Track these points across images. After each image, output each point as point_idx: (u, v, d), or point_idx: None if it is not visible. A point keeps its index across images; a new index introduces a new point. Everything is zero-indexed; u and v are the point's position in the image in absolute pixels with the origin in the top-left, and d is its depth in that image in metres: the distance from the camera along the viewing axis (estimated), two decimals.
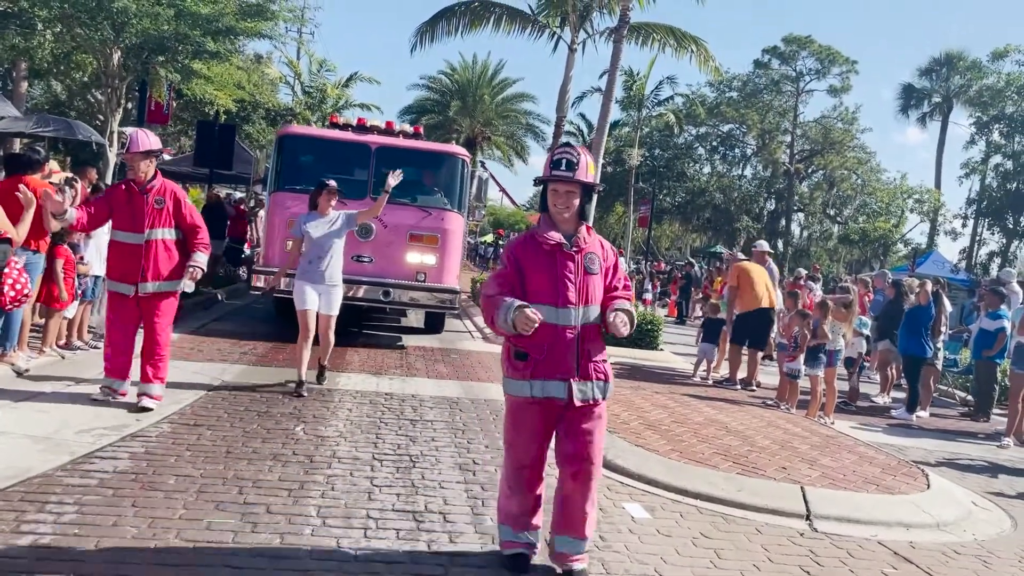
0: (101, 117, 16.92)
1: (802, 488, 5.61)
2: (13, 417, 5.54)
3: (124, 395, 6.26)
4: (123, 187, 6.19)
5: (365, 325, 12.21)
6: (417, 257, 10.35)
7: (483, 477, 5.38)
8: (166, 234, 6.14)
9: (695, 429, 7.05)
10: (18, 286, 5.34)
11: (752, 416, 8.12)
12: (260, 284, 10.11)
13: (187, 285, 6.31)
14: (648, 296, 22.99)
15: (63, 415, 5.74)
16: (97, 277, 8.07)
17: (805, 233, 50.37)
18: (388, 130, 11.17)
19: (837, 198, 47.53)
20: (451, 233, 10.56)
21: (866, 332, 10.73)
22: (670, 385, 9.81)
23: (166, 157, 20.72)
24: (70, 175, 8.00)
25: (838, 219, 48.29)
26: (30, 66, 20.57)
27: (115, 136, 15.11)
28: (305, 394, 7.10)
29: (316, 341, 7.45)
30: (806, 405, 9.18)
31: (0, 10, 14.79)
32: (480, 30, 18.73)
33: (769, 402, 9.24)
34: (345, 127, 11.00)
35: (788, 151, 46.03)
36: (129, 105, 17.32)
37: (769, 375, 11.19)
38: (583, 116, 46.09)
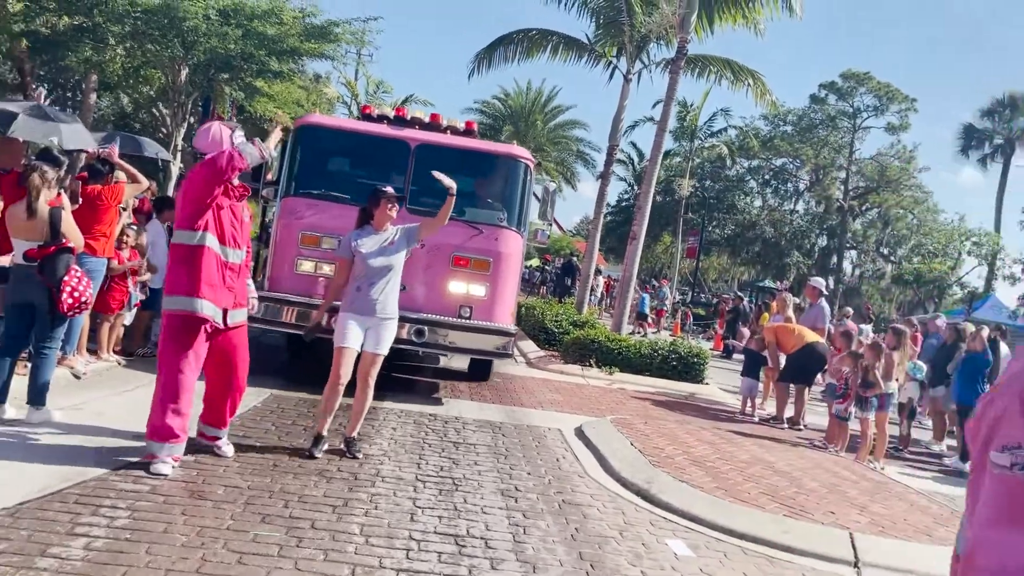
0: (164, 130, 17.45)
1: (851, 534, 5.47)
2: (71, 420, 5.69)
3: (179, 461, 5.01)
4: (221, 188, 5.17)
5: (393, 368, 9.27)
6: (462, 286, 8.15)
7: (525, 504, 5.36)
8: (245, 256, 5.41)
9: (741, 467, 6.93)
10: (76, 293, 5.49)
11: (799, 457, 7.97)
12: (284, 318, 7.74)
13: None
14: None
15: (119, 419, 5.87)
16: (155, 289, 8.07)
17: (857, 271, 49.46)
18: (433, 124, 8.95)
19: (891, 237, 46.63)
20: (506, 257, 8.29)
21: (920, 377, 10.48)
22: (715, 421, 9.67)
23: None
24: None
25: (891, 258, 47.32)
26: (101, 79, 21.31)
27: (179, 150, 15.56)
28: (319, 455, 5.68)
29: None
30: (856, 448, 8.98)
31: (76, 24, 15.40)
32: (536, 57, 18.96)
33: (817, 443, 9.05)
34: (380, 119, 8.90)
35: (842, 187, 45.35)
36: (191, 120, 17.84)
37: (818, 415, 10.98)
38: (634, 144, 46.22)
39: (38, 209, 5.48)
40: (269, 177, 8.86)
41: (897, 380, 9.15)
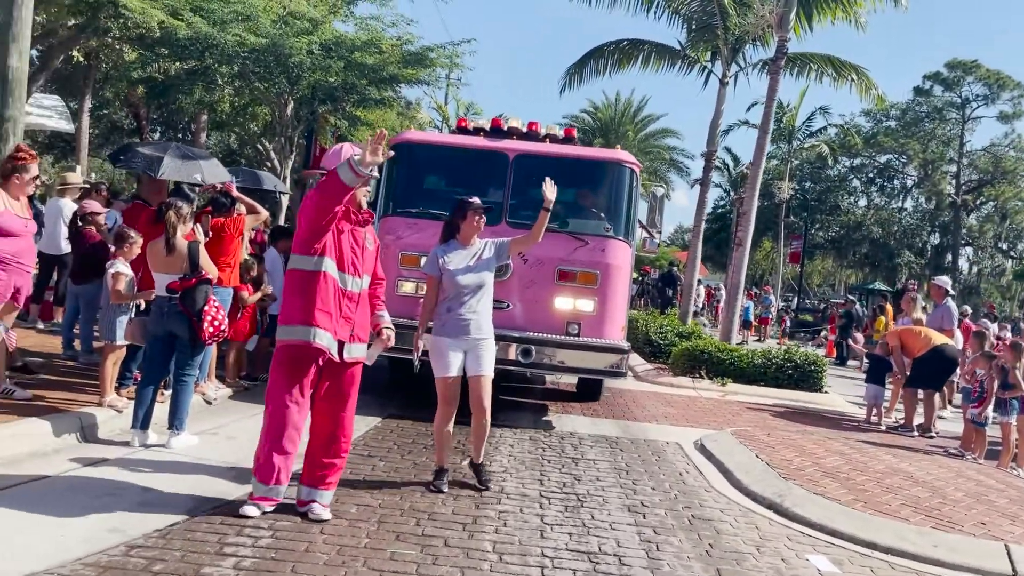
0: (268, 164, 18.16)
1: (1006, 546, 5.12)
2: (208, 444, 5.92)
3: (274, 505, 4.61)
4: (340, 211, 4.60)
5: (500, 390, 8.50)
6: (569, 302, 7.79)
7: (654, 520, 5.24)
8: (367, 284, 4.84)
9: (877, 478, 6.60)
10: (216, 322, 5.75)
11: (938, 465, 7.54)
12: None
13: (373, 356, 4.89)
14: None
15: (251, 442, 6.05)
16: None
17: (974, 269, 46.96)
18: (531, 133, 8.59)
19: (1011, 231, 44.11)
20: (615, 269, 7.91)
21: None
22: (840, 430, 9.27)
23: None
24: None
25: (1012, 254, 44.71)
26: (211, 118, 22.41)
27: (287, 182, 16.17)
28: (445, 489, 5.36)
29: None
30: (995, 455, 8.44)
31: (188, 68, 16.24)
32: (628, 68, 18.81)
33: (952, 450, 8.55)
34: (476, 131, 8.62)
35: (954, 182, 43.21)
36: (296, 153, 18.52)
37: (948, 422, 10.41)
38: (728, 150, 45.26)
39: (176, 244, 5.76)
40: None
41: None
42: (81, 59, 18.47)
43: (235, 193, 7.55)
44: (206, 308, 5.70)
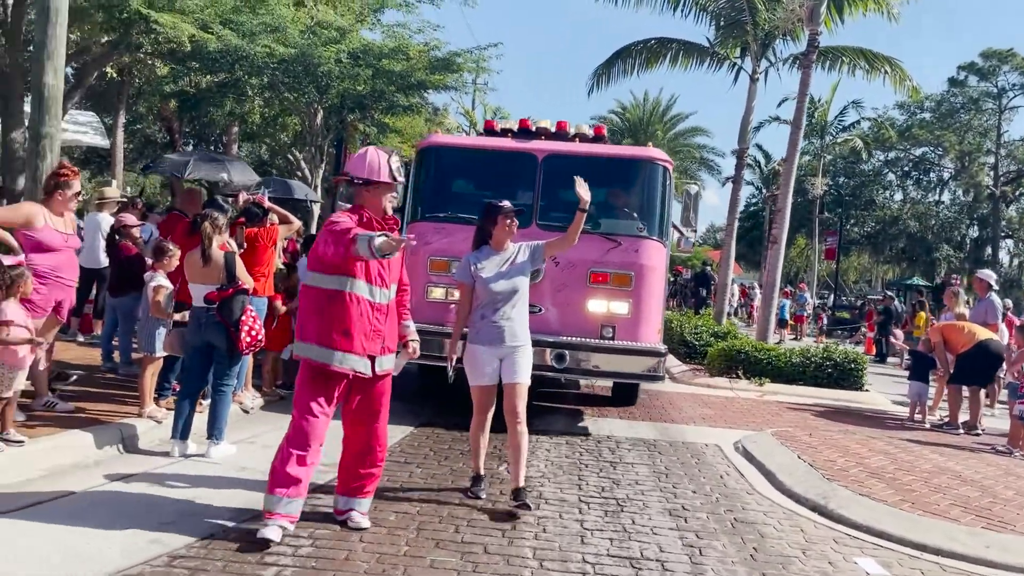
0: (299, 174, 18.31)
1: None
2: (246, 453, 5.94)
3: (295, 522, 4.38)
4: (364, 219, 4.42)
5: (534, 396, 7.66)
6: (602, 305, 7.60)
7: (696, 524, 5.15)
8: (395, 293, 4.67)
9: (924, 478, 6.44)
10: (253, 332, 5.77)
11: (986, 463, 7.34)
12: (428, 351, 6.88)
13: (399, 367, 4.74)
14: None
15: None
16: None
17: (1015, 262, 45.92)
18: (560, 133, 8.42)
19: None
20: (649, 270, 7.69)
21: None
22: (883, 429, 9.08)
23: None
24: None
25: None
26: (242, 130, 22.66)
27: (318, 191, 16.28)
28: (483, 495, 5.32)
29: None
30: None
31: (218, 81, 16.44)
32: (656, 68, 18.66)
33: (1000, 448, 8.32)
34: (504, 132, 8.47)
35: (992, 173, 42.28)
36: (326, 162, 18.66)
37: (998, 419, 10.14)
38: (759, 147, 44.80)
39: (212, 255, 5.80)
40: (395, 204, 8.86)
41: None
42: (115, 75, 18.77)
43: (267, 204, 7.59)
44: (243, 318, 5.72)
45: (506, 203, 5.35)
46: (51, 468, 5.09)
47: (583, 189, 5.15)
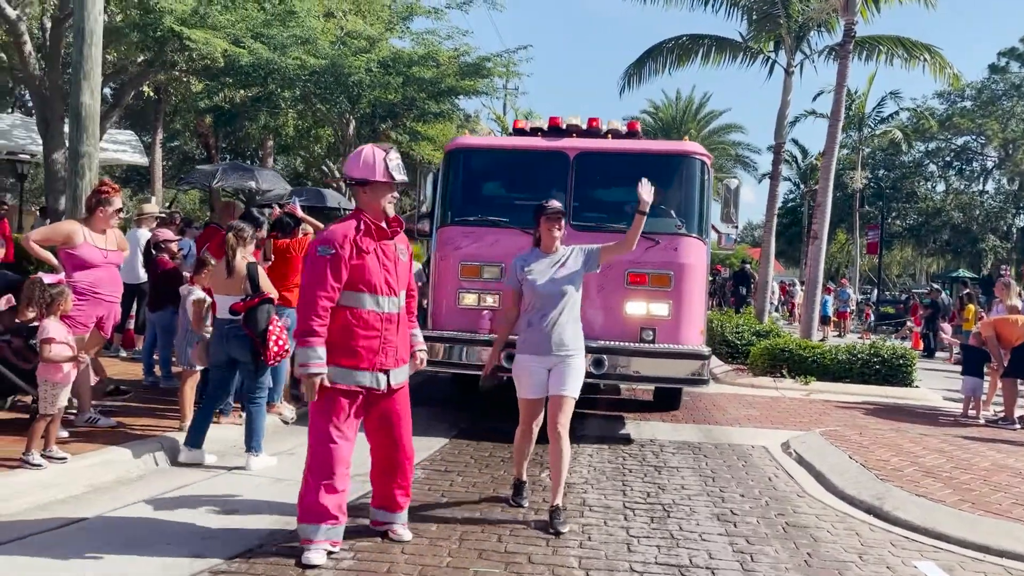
0: (334, 185, 18.39)
1: None
2: (286, 465, 5.90)
3: (338, 546, 4.20)
4: (362, 227, 4.12)
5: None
6: (641, 306, 7.28)
7: (746, 529, 4.99)
8: (404, 299, 4.37)
9: (983, 476, 6.20)
10: (280, 342, 5.71)
11: None
12: (454, 359, 7.22)
13: (409, 373, 4.50)
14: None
15: None
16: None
17: None
18: (592, 130, 8.12)
19: None
20: (690, 269, 7.36)
21: None
22: (936, 426, 8.80)
23: None
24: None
25: None
26: (276, 143, 22.90)
27: (352, 200, 16.33)
28: (526, 504, 5.16)
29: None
30: None
31: (252, 95, 16.61)
32: (688, 65, 18.47)
33: None
34: (533, 132, 8.22)
35: None
36: None
37: None
38: (795, 141, 44.18)
39: (236, 266, 5.76)
40: (424, 210, 8.36)
41: None
42: (151, 94, 19.08)
43: (299, 213, 7.59)
44: (270, 328, 5.66)
45: (552, 203, 5.06)
46: (94, 484, 5.10)
47: (646, 191, 4.90)
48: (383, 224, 4.15)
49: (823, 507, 5.59)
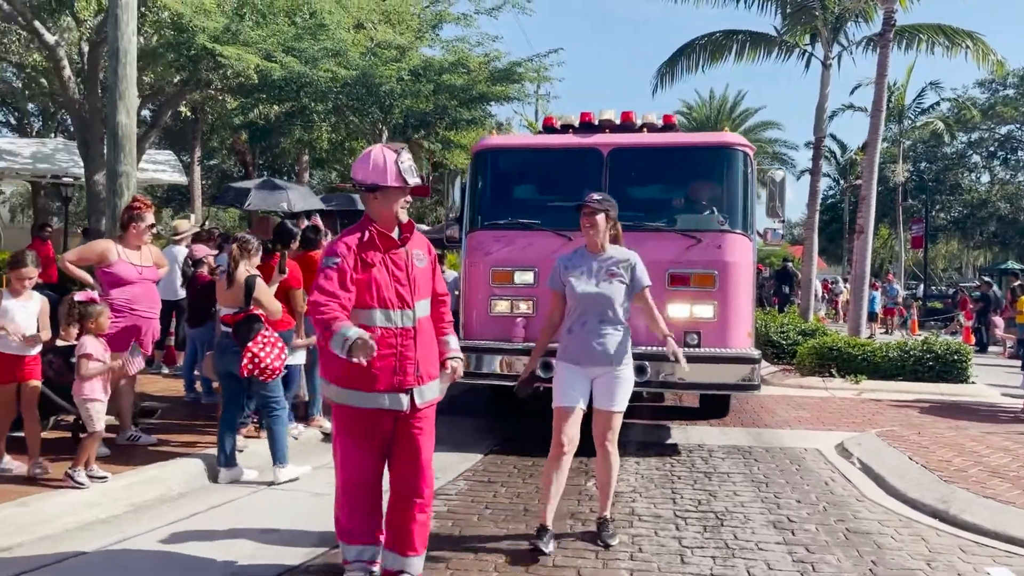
0: None
1: None
2: (326, 478, 5.79)
3: (378, 566, 3.89)
4: (366, 238, 3.75)
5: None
6: (684, 309, 6.85)
7: (805, 537, 4.77)
8: (427, 309, 3.91)
9: None
10: (257, 359, 5.45)
11: None
12: (487, 369, 6.85)
13: (441, 391, 3.98)
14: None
15: None
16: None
17: None
18: (626, 124, 7.66)
19: None
20: (735, 267, 6.92)
21: None
22: (997, 423, 8.45)
23: (424, 227, 22.15)
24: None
25: None
26: (311, 156, 23.05)
27: None
28: (547, 550, 4.39)
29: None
30: None
31: (286, 110, 16.72)
32: (721, 62, 18.18)
33: None
34: (564, 129, 7.77)
35: None
36: None
37: None
38: (833, 136, 43.40)
39: (236, 277, 5.64)
40: (452, 216, 8.07)
41: None
42: (188, 113, 19.34)
43: (323, 227, 7.50)
44: (250, 343, 5.47)
45: (591, 196, 4.65)
46: (135, 503, 5.05)
47: (682, 359, 4.60)
48: (393, 233, 3.77)
49: (885, 512, 5.34)
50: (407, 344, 3.70)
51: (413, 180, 3.71)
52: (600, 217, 4.58)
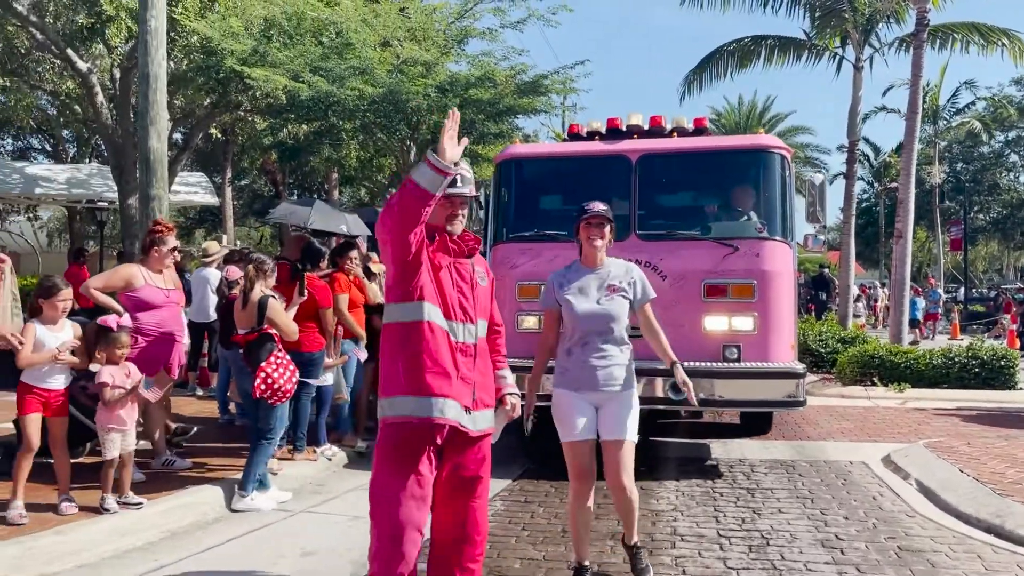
0: None
1: None
2: (363, 500, 5.74)
3: None
4: (436, 240, 3.38)
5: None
6: (723, 321, 6.51)
7: (855, 556, 4.60)
8: (485, 331, 3.52)
9: None
10: (270, 380, 5.39)
11: None
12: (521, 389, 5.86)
13: (497, 430, 3.55)
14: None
15: None
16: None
17: None
18: (655, 129, 7.31)
19: None
20: (775, 276, 6.54)
21: None
22: None
23: None
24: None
25: None
26: (340, 175, 23.18)
27: None
28: None
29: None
30: None
31: (314, 129, 16.81)
32: (750, 67, 17.96)
33: None
34: (591, 136, 7.45)
35: None
36: None
37: None
38: (866, 139, 42.81)
39: (251, 298, 5.58)
40: (475, 228, 7.84)
41: None
42: (219, 135, 19.53)
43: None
44: (263, 364, 5.40)
45: (593, 205, 4.22)
46: (171, 530, 5.02)
47: (693, 396, 4.26)
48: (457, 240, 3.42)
49: (937, 527, 5.14)
50: (465, 361, 3.31)
51: (460, 189, 3.35)
52: (608, 228, 4.24)
